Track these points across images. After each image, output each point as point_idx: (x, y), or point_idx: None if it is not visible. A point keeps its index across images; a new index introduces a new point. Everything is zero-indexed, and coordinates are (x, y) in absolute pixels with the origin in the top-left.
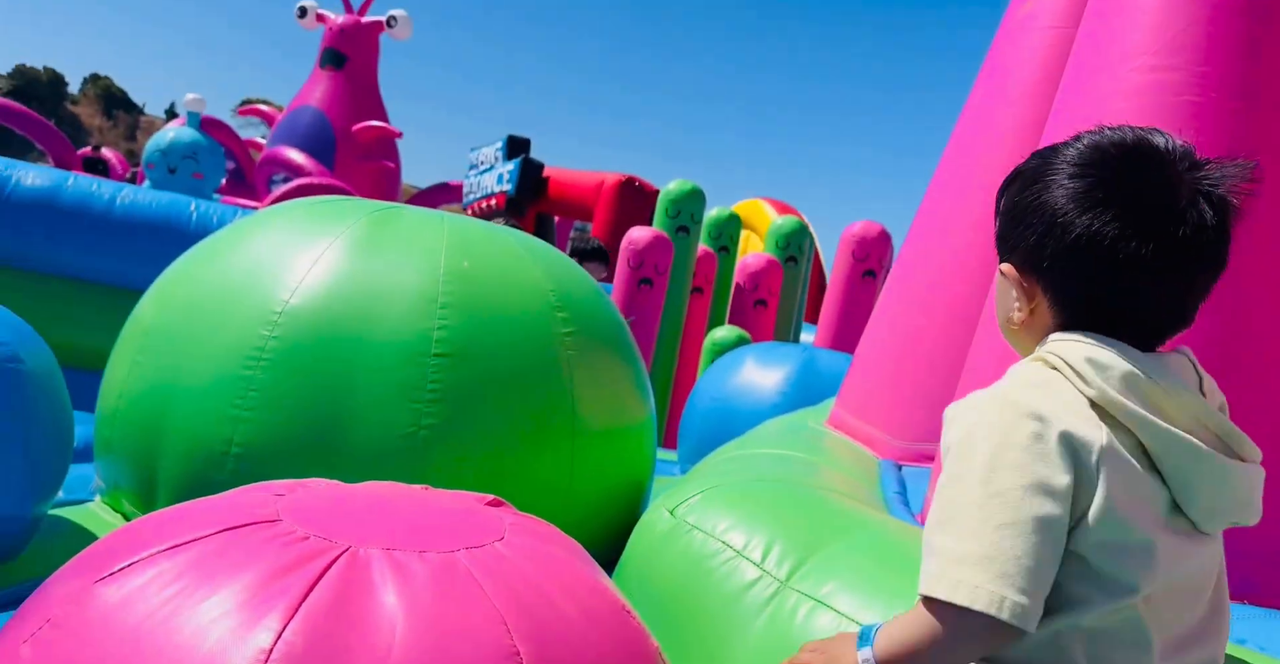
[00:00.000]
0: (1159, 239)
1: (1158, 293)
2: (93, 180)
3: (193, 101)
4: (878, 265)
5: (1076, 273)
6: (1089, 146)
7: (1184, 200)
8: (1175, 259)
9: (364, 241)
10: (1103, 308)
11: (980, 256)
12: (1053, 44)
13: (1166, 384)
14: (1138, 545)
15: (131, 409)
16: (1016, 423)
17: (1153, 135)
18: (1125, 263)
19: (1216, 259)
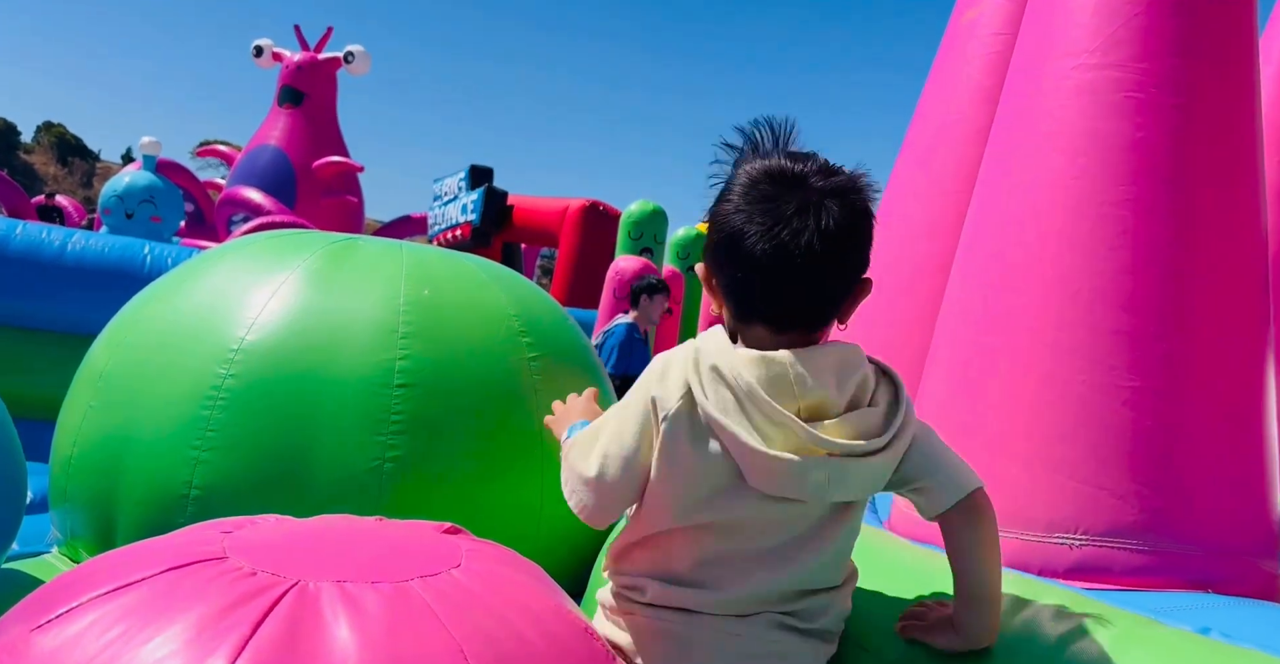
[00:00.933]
0: (778, 243)
1: (788, 290)
2: (42, 227)
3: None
4: None
5: (728, 272)
6: (749, 169)
7: (804, 212)
8: (795, 260)
9: (321, 274)
10: (746, 304)
11: (936, 261)
12: (996, 50)
13: (756, 392)
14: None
15: (87, 456)
16: (644, 386)
17: (794, 160)
18: (757, 263)
19: (840, 261)
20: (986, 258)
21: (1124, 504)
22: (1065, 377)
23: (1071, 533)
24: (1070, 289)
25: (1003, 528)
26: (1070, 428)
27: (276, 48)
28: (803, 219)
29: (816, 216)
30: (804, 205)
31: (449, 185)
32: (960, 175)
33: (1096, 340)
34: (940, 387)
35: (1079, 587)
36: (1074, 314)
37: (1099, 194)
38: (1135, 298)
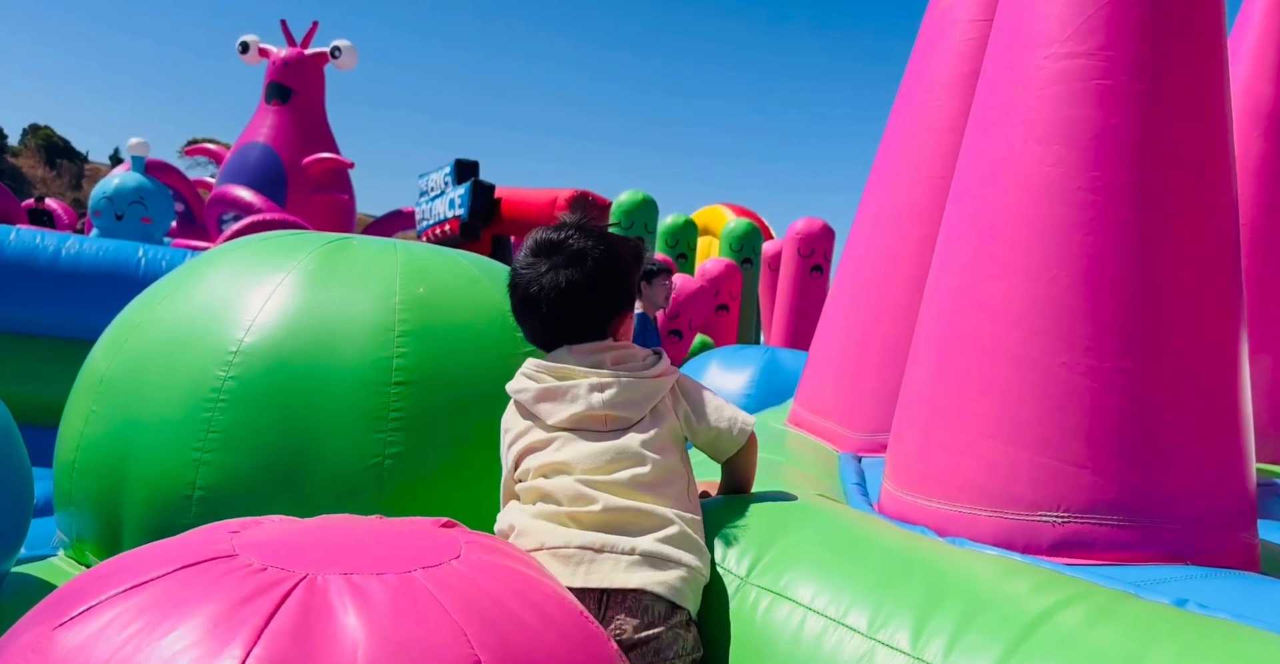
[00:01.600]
0: (520, 298)
1: (534, 326)
2: (36, 233)
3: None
4: (824, 260)
5: (515, 312)
6: (530, 237)
7: (551, 270)
8: (531, 308)
9: (316, 274)
10: (528, 336)
11: (915, 248)
12: (972, 37)
13: (550, 386)
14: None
15: (90, 459)
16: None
17: (559, 230)
18: (521, 308)
19: (576, 306)
20: (965, 244)
21: (1104, 481)
22: (1043, 359)
23: (1054, 511)
24: (1047, 274)
25: (987, 507)
26: (1049, 408)
27: (263, 44)
28: (549, 273)
29: (556, 272)
30: (552, 265)
31: (435, 180)
32: (940, 161)
33: (1073, 322)
34: (923, 371)
35: (1063, 563)
36: (1050, 298)
37: (1073, 180)
38: (1109, 280)
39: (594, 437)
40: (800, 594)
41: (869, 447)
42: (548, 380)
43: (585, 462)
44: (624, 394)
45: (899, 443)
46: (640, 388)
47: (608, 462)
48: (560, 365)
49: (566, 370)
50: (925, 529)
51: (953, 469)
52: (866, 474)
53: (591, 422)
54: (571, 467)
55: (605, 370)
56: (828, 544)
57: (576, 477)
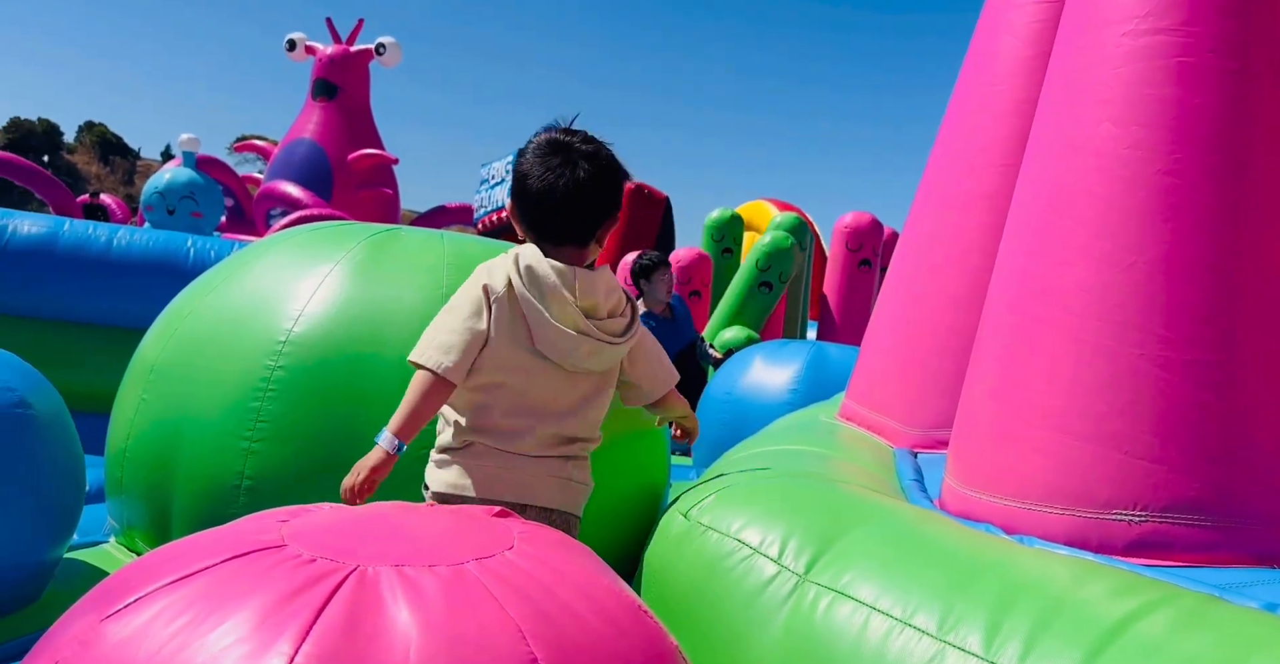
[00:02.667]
0: (548, 183)
1: (538, 216)
2: (88, 224)
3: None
4: (872, 254)
5: (520, 206)
6: (537, 138)
7: (565, 166)
8: (546, 200)
9: (364, 265)
10: (533, 227)
11: (977, 236)
12: (1038, 19)
13: (553, 283)
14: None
15: (140, 447)
16: (475, 283)
17: (565, 133)
18: (536, 198)
19: (590, 199)
20: (1036, 229)
21: (1184, 478)
22: (1120, 350)
23: (1130, 509)
24: (1124, 260)
25: (1059, 505)
26: (1127, 402)
27: (309, 41)
28: (564, 170)
29: (573, 169)
30: (566, 161)
31: (496, 169)
32: (1003, 147)
33: (1152, 313)
34: (990, 363)
35: (1139, 564)
36: (1128, 286)
37: (1153, 163)
38: (1191, 268)
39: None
40: (863, 594)
41: (926, 443)
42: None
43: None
44: (600, 359)
45: (963, 437)
46: (613, 354)
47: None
48: (567, 303)
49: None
50: (992, 527)
51: (1022, 465)
52: (924, 470)
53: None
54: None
55: (591, 336)
56: (891, 542)
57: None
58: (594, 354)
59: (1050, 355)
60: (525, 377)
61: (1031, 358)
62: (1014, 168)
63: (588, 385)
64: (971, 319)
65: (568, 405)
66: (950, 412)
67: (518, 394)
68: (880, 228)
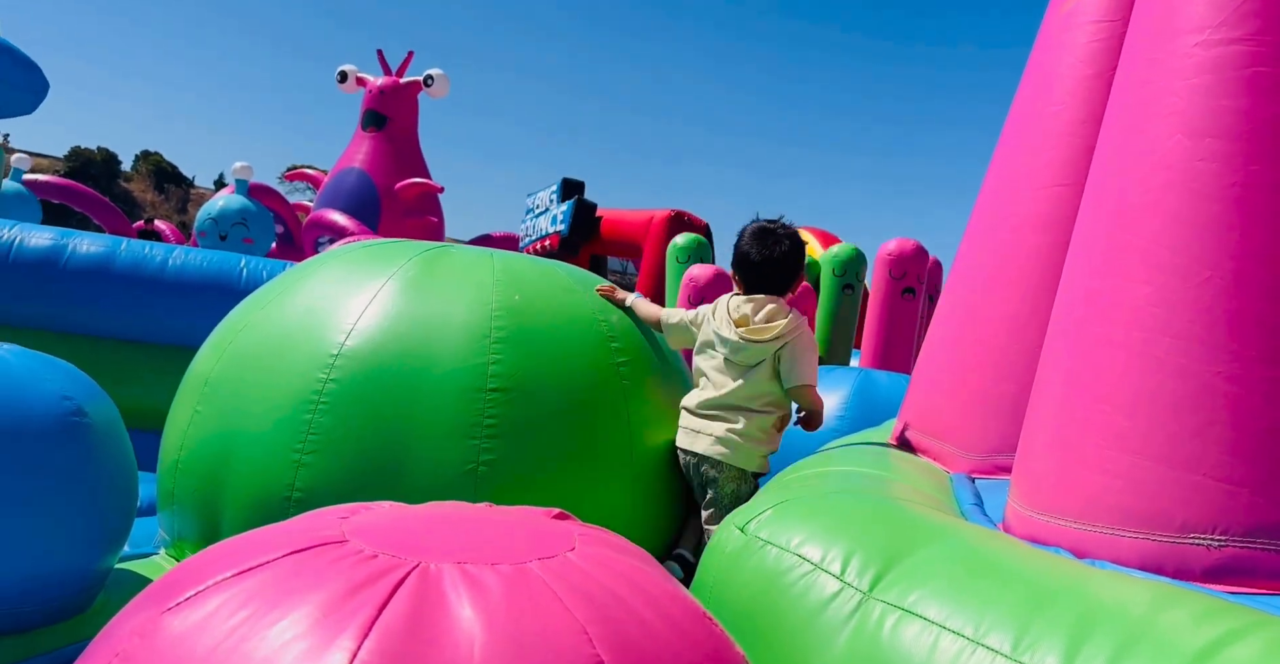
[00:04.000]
0: (745, 258)
1: (749, 277)
2: (145, 244)
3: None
4: (916, 282)
5: (739, 269)
6: (750, 226)
7: (755, 247)
8: (751, 268)
9: (416, 281)
10: (744, 283)
11: (1033, 257)
12: (1098, 38)
13: (736, 306)
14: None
15: (193, 459)
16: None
17: (769, 222)
18: (748, 265)
19: (781, 267)
20: (1104, 245)
21: (1266, 502)
22: (1195, 367)
23: (1209, 533)
24: (1199, 275)
25: (1134, 529)
26: (1203, 422)
27: (360, 73)
28: (767, 247)
29: (773, 247)
30: (767, 242)
31: (541, 198)
32: (1063, 168)
33: (1229, 329)
34: (1056, 383)
35: (1220, 590)
36: (1203, 302)
37: (1228, 175)
38: (1268, 283)
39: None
40: (931, 613)
41: (984, 468)
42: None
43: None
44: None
45: (1029, 459)
46: (756, 352)
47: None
48: (743, 312)
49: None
50: (1061, 550)
51: (1091, 486)
52: (983, 495)
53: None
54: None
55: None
56: (959, 561)
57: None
58: (741, 350)
59: (1119, 374)
60: (709, 363)
61: (1099, 377)
62: (1072, 188)
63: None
64: (1028, 341)
65: (732, 384)
66: (1008, 436)
67: (705, 377)
68: (925, 255)
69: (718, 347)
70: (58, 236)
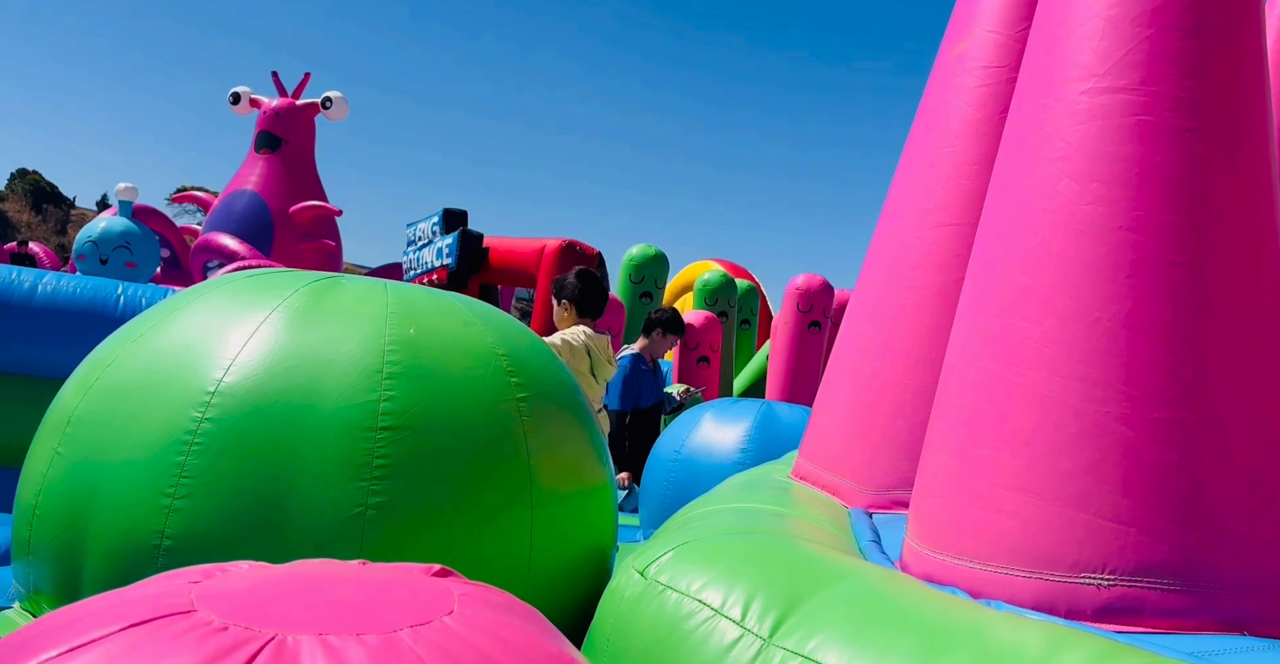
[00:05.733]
0: (601, 293)
1: (596, 311)
2: (11, 269)
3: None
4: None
5: (581, 307)
6: (581, 272)
7: (599, 285)
8: (601, 304)
9: (302, 313)
10: (586, 314)
11: (929, 295)
12: (986, 83)
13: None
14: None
15: (51, 504)
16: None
17: (592, 272)
18: (593, 304)
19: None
20: (996, 285)
21: (1154, 541)
22: (1085, 407)
23: (1098, 572)
24: (1088, 316)
25: (1025, 568)
26: (1092, 461)
27: (255, 95)
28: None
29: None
30: (601, 283)
31: (423, 229)
32: (953, 208)
33: (1118, 370)
34: (951, 420)
35: (1110, 630)
36: (1092, 343)
37: (1115, 219)
38: (1157, 325)
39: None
40: (830, 659)
41: (881, 503)
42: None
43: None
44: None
45: (925, 497)
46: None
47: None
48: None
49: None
50: (957, 590)
51: (986, 526)
52: (881, 531)
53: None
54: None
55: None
56: (859, 605)
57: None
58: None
59: (1013, 413)
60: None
61: (993, 415)
62: (963, 227)
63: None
64: (926, 378)
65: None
66: (905, 472)
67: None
68: (831, 290)
69: (598, 374)
70: None
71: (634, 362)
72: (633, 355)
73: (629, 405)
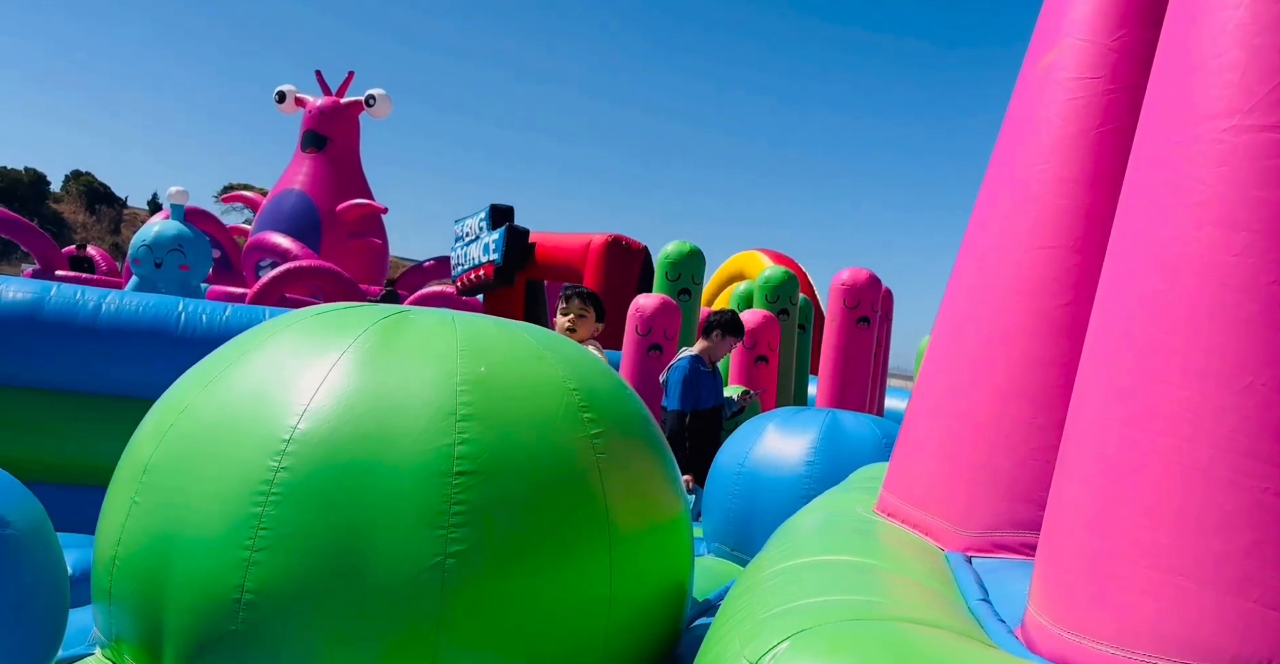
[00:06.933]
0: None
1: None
2: (76, 289)
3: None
4: (870, 311)
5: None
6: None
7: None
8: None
9: (373, 353)
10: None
11: (1018, 327)
12: (1079, 95)
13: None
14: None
15: (131, 556)
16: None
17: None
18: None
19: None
20: (1129, 340)
21: None
22: (1243, 482)
23: None
24: (1241, 381)
25: (1174, 657)
26: (1253, 543)
27: (299, 94)
28: None
29: None
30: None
31: (470, 225)
32: (1051, 228)
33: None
34: (1082, 488)
35: None
36: (1248, 410)
37: (1268, 271)
38: None
39: None
40: None
41: (981, 546)
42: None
43: None
44: None
45: (1054, 568)
46: None
47: None
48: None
49: None
50: None
51: (1126, 608)
52: (986, 583)
53: None
54: None
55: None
56: None
57: None
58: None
59: (1154, 484)
60: None
61: (1131, 486)
62: (1058, 250)
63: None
64: (1020, 415)
65: None
66: (1003, 513)
67: None
68: (878, 284)
69: None
70: None
71: (693, 363)
72: (691, 356)
73: (689, 405)
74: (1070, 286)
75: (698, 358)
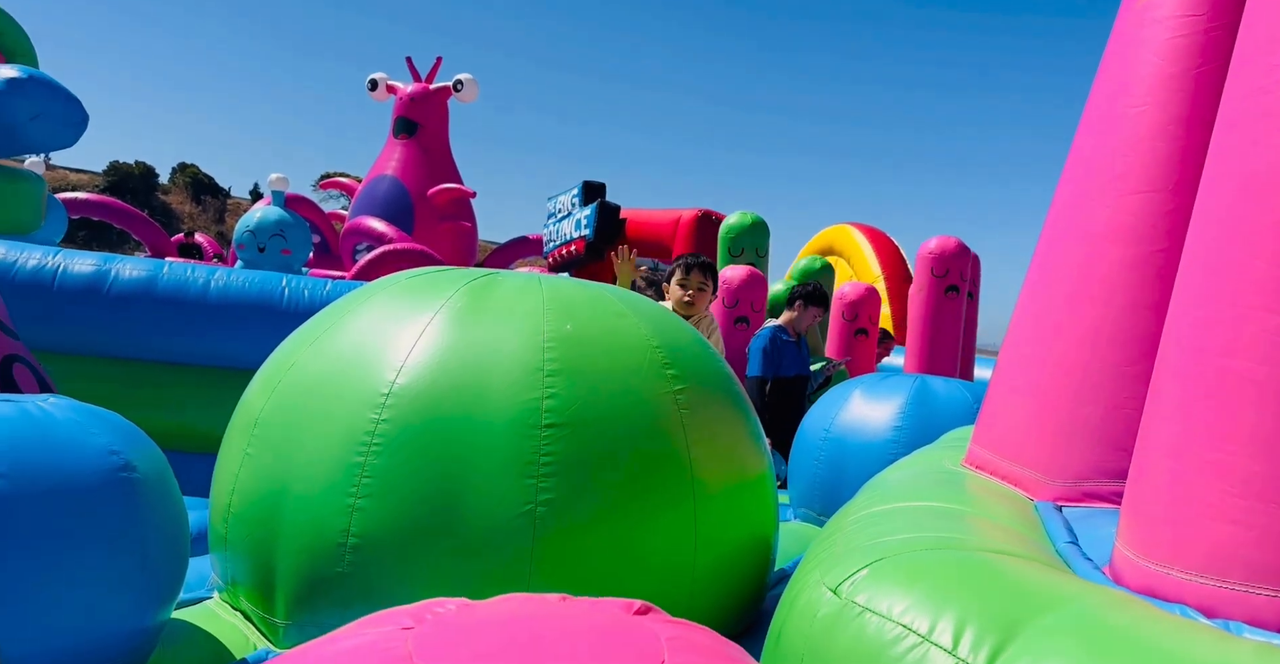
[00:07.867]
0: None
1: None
2: (186, 266)
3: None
4: (959, 280)
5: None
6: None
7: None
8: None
9: (464, 313)
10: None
11: (1114, 273)
12: (1181, 34)
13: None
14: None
15: (245, 504)
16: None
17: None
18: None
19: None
20: (1220, 269)
21: None
22: None
23: None
24: None
25: (1268, 586)
26: None
27: (390, 81)
28: None
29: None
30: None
31: (563, 202)
32: (1151, 171)
33: None
34: (1171, 420)
35: None
36: None
37: None
38: None
39: None
40: None
41: (1071, 495)
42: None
43: None
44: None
45: (1140, 501)
46: None
47: None
48: None
49: None
50: (1186, 608)
51: (1217, 537)
52: (1076, 529)
53: None
54: None
55: None
56: (1086, 633)
57: None
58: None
59: (1243, 411)
60: None
61: (1220, 415)
62: (1158, 194)
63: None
64: (1112, 361)
65: None
66: (1094, 461)
67: None
68: (967, 252)
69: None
70: (100, 262)
71: (775, 332)
72: (774, 327)
73: (770, 372)
74: (1166, 232)
75: (780, 327)
